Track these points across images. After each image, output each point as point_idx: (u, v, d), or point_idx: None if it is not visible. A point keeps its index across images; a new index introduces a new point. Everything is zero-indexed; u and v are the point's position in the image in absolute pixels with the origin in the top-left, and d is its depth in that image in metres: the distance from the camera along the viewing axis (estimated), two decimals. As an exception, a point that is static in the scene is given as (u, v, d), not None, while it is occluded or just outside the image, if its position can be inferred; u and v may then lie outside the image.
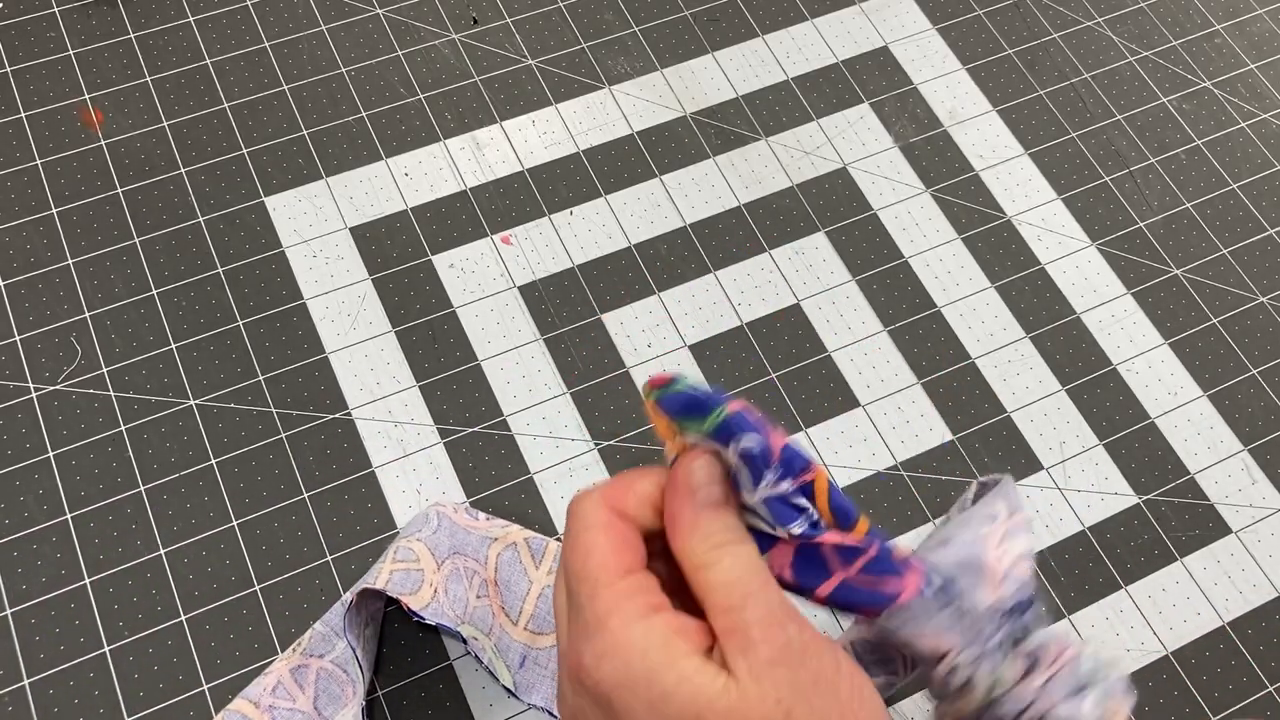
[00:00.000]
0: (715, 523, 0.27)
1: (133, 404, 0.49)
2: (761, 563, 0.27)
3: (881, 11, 0.62)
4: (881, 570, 0.28)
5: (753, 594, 0.26)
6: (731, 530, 0.27)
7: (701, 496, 0.27)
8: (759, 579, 0.26)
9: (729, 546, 0.27)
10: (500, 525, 0.46)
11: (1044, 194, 0.58)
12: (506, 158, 0.56)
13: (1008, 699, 0.31)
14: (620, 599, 0.26)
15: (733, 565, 0.27)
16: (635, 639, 0.25)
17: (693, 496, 0.27)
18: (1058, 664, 0.31)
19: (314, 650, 0.43)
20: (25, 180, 0.53)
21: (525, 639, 0.44)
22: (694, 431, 0.28)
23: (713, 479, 0.28)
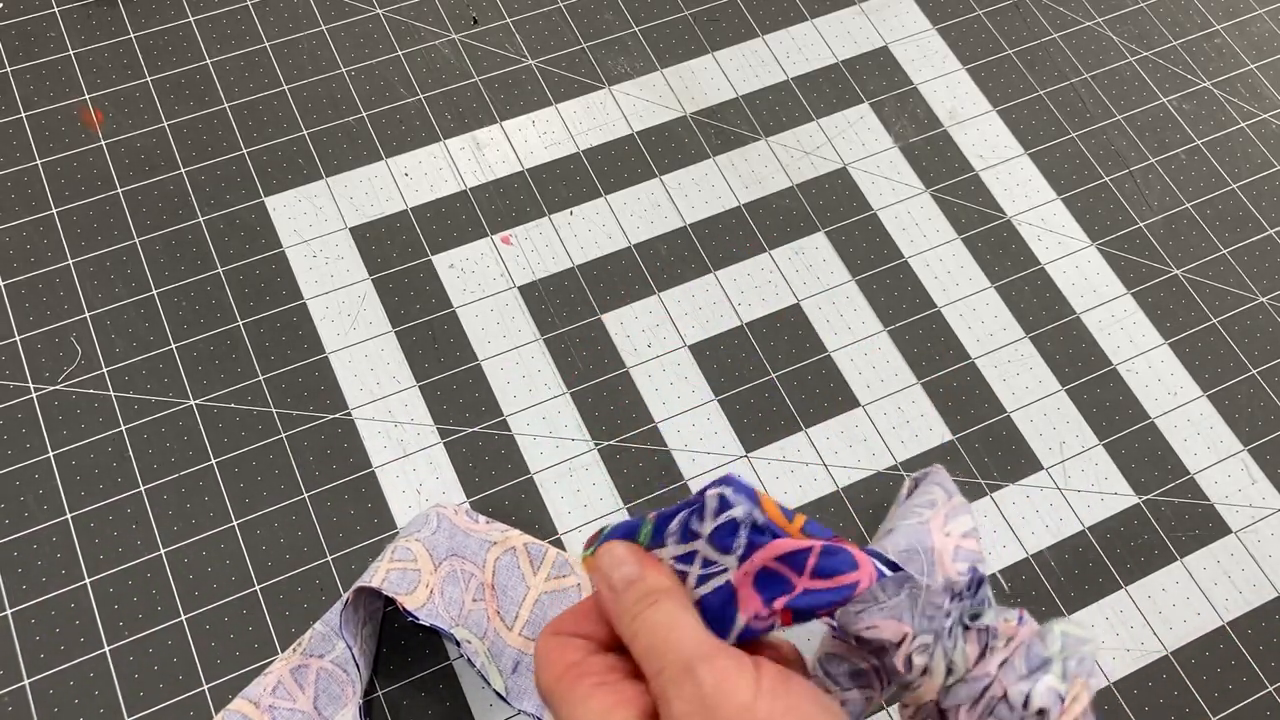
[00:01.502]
0: (629, 596, 0.28)
1: (133, 404, 0.49)
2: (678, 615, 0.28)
3: (881, 11, 0.62)
4: (834, 567, 0.29)
5: (666, 652, 0.27)
6: (644, 597, 0.28)
7: (615, 578, 0.28)
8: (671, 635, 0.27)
9: (643, 615, 0.27)
10: (500, 529, 0.46)
11: (1044, 194, 0.58)
12: (506, 158, 0.56)
13: (966, 682, 0.31)
14: (566, 690, 0.27)
15: (649, 632, 0.27)
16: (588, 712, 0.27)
17: (608, 582, 0.28)
18: (1013, 644, 0.31)
19: (314, 650, 0.43)
20: (25, 180, 0.53)
21: (519, 645, 0.44)
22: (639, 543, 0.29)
23: (622, 560, 0.28)
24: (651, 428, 0.50)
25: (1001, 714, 0.30)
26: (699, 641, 0.27)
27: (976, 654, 0.31)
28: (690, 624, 0.27)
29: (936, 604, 0.30)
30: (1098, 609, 0.48)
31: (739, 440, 0.50)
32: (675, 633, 0.27)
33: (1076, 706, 0.30)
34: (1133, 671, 0.47)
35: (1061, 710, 0.30)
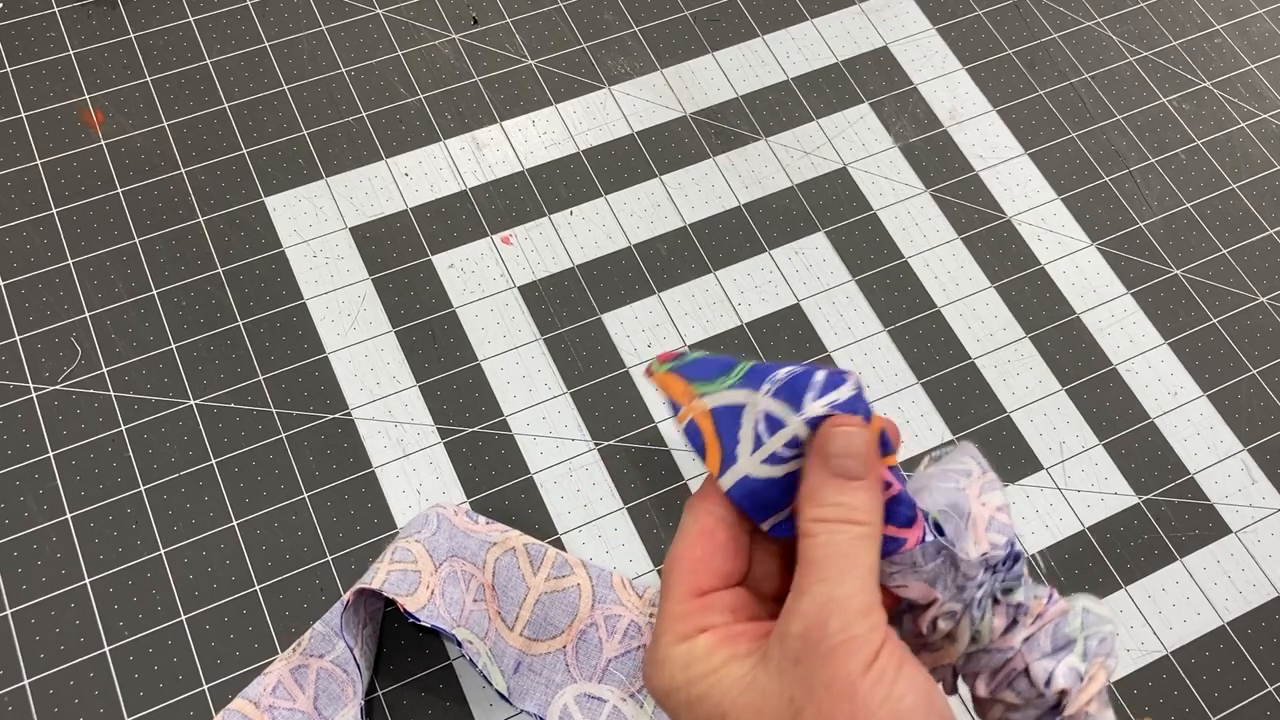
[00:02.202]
0: (831, 494, 0.26)
1: (133, 404, 0.49)
2: (860, 550, 0.26)
3: (881, 11, 0.62)
4: (895, 514, 0.28)
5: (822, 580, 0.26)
6: (845, 509, 0.26)
7: (832, 465, 0.27)
8: (839, 565, 0.26)
9: (832, 525, 0.26)
10: (500, 530, 0.46)
11: (1044, 194, 0.58)
12: (506, 158, 0.56)
13: (988, 651, 0.31)
14: (675, 621, 0.27)
15: (823, 545, 0.26)
16: (677, 655, 0.27)
17: (823, 462, 0.27)
18: (1041, 620, 0.31)
19: (314, 650, 0.43)
20: (25, 180, 0.53)
21: (520, 645, 0.44)
22: (717, 389, 0.28)
23: (848, 450, 0.27)
24: (651, 428, 0.50)
25: (1020, 688, 0.30)
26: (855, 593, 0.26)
27: (1003, 627, 0.30)
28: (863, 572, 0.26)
29: (969, 575, 0.30)
30: (1098, 609, 0.48)
31: (739, 440, 0.50)
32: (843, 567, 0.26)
33: (1093, 685, 0.30)
34: (1133, 671, 0.47)
35: (1080, 689, 0.30)
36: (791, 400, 0.27)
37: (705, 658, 0.27)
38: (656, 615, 0.28)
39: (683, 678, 0.27)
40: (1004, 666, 0.30)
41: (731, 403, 0.28)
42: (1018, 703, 0.30)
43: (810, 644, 0.25)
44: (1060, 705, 0.30)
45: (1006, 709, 0.31)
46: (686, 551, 0.28)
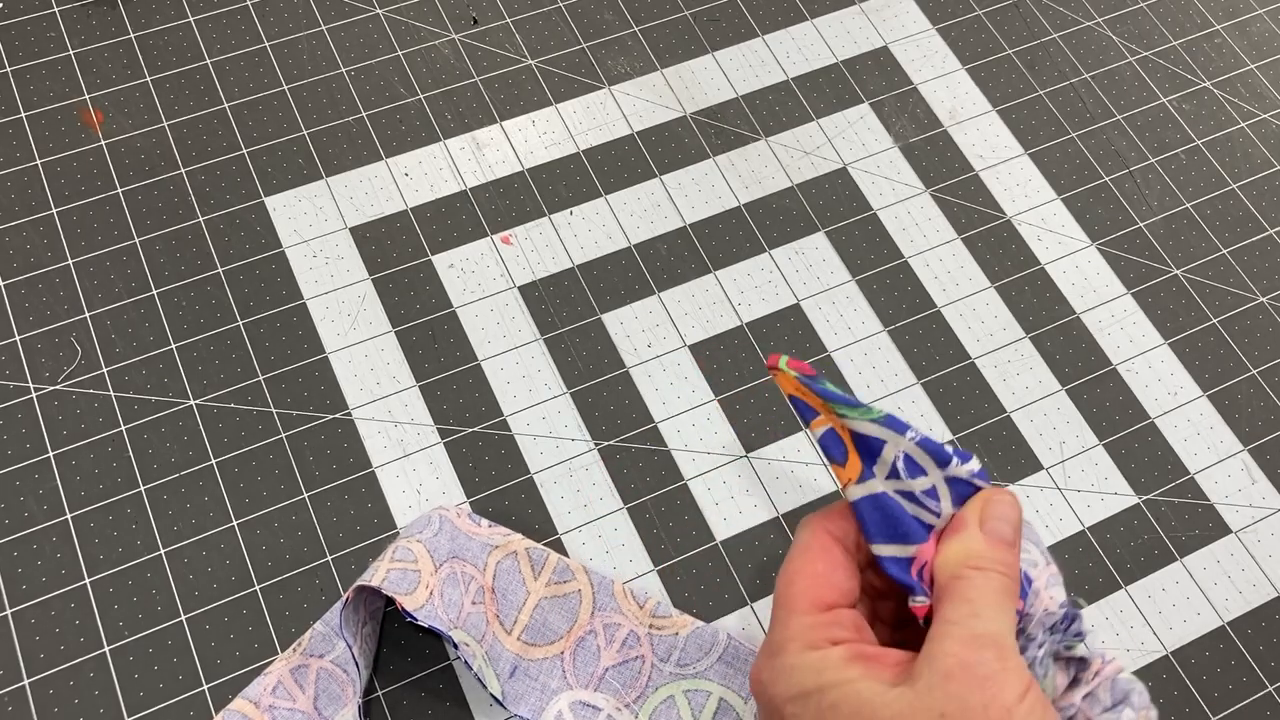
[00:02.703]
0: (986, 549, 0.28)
1: (133, 404, 0.49)
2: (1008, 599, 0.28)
3: (881, 11, 0.62)
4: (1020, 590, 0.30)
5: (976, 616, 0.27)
6: (998, 564, 0.28)
7: (989, 528, 0.29)
8: (992, 607, 0.27)
9: (986, 573, 0.28)
10: (502, 533, 0.46)
11: (1044, 194, 0.58)
12: (506, 158, 0.56)
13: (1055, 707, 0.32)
14: (805, 630, 0.28)
15: (979, 587, 0.28)
16: (810, 661, 0.28)
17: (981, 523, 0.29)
18: (1100, 677, 0.32)
19: (314, 650, 0.43)
20: (25, 180, 0.53)
21: (518, 649, 0.44)
22: (858, 418, 0.30)
23: (1005, 518, 0.29)
24: (651, 428, 0.50)
25: None
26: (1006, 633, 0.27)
27: (1065, 684, 0.32)
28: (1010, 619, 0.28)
29: (1032, 635, 0.31)
30: (1098, 609, 0.48)
31: (739, 440, 0.50)
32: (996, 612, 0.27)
33: None
34: (1132, 671, 0.47)
35: None
36: (934, 455, 0.30)
37: (840, 668, 0.27)
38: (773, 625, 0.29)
39: (814, 684, 0.27)
40: None
41: (874, 434, 0.30)
42: None
43: (967, 667, 0.26)
44: None
45: None
46: (808, 566, 0.29)
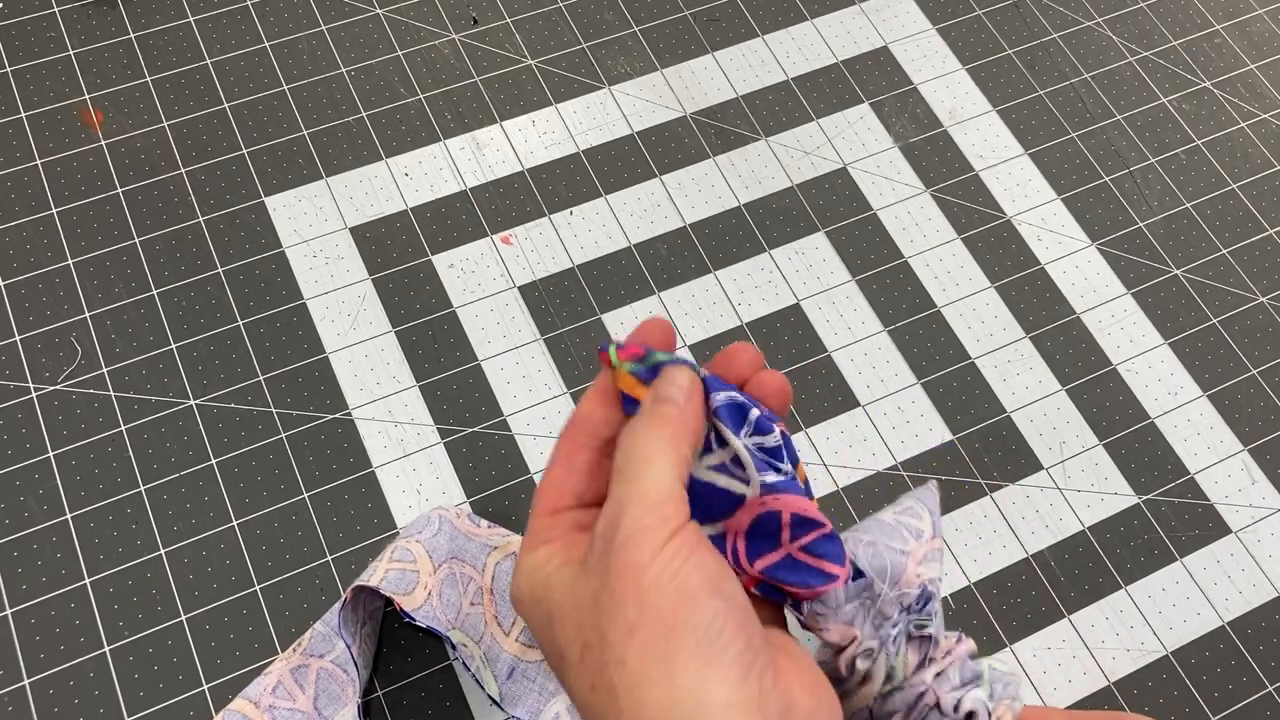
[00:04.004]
0: (654, 418, 0.28)
1: (133, 404, 0.49)
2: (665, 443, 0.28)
3: (881, 11, 0.62)
4: (824, 552, 0.30)
5: (621, 481, 0.28)
6: (661, 427, 0.28)
7: (663, 391, 0.29)
8: (640, 460, 0.28)
9: (646, 436, 0.28)
10: (501, 534, 0.46)
11: (1044, 194, 0.58)
12: (506, 158, 0.56)
13: (902, 689, 0.32)
14: (530, 535, 0.30)
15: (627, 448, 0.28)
16: (525, 565, 0.29)
17: (656, 390, 0.29)
18: (951, 657, 0.32)
19: (314, 650, 0.43)
20: (25, 180, 0.53)
21: (516, 650, 0.44)
22: None
23: (674, 382, 0.29)
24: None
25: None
26: (650, 489, 0.27)
27: (916, 663, 0.32)
28: (663, 467, 0.28)
29: (886, 614, 0.31)
30: (1098, 609, 0.48)
31: (739, 440, 0.50)
32: (644, 465, 0.28)
33: None
34: (1133, 671, 0.47)
35: None
36: (732, 423, 0.30)
37: (543, 565, 0.28)
38: None
39: (527, 585, 0.28)
40: (917, 702, 0.32)
41: None
42: None
43: (607, 539, 0.27)
44: None
45: None
46: (548, 474, 0.30)
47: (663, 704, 0.25)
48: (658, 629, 0.26)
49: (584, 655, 0.26)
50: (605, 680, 0.26)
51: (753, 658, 0.27)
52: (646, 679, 0.25)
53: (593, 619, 0.26)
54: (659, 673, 0.25)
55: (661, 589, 0.26)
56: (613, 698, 0.26)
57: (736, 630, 0.27)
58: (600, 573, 0.27)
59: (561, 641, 0.27)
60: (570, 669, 0.27)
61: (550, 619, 0.28)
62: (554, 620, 0.27)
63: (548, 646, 0.28)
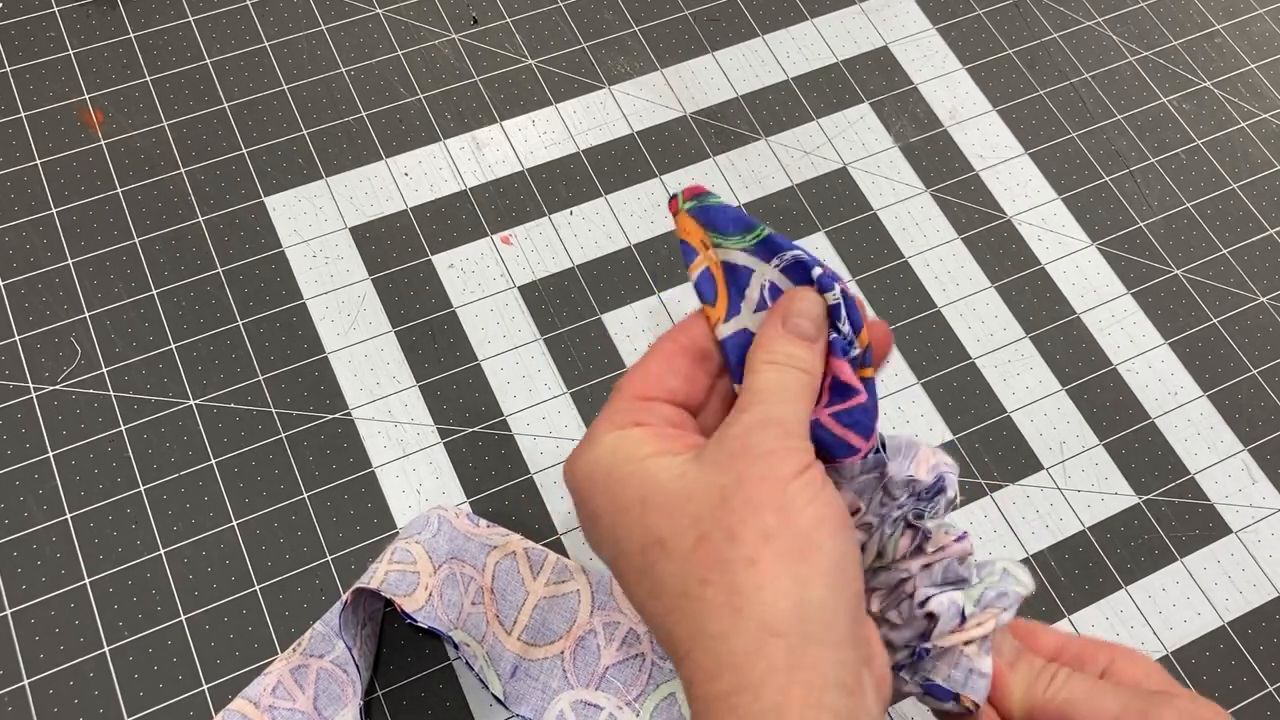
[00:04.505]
0: (782, 344, 0.29)
1: (133, 404, 0.49)
2: (801, 391, 0.28)
3: (881, 11, 0.62)
4: (856, 423, 0.30)
5: (763, 403, 0.28)
6: (794, 359, 0.28)
7: (790, 325, 0.29)
8: (780, 396, 0.28)
9: (780, 367, 0.28)
10: (501, 534, 0.46)
11: (1044, 194, 0.58)
12: (506, 158, 0.56)
13: (889, 569, 0.32)
14: (614, 414, 0.29)
15: (770, 379, 0.28)
16: (606, 441, 0.28)
17: (782, 320, 0.29)
18: (943, 553, 0.32)
19: (314, 650, 0.43)
20: (25, 180, 0.53)
21: (518, 649, 0.44)
22: (734, 245, 0.30)
23: (806, 314, 0.29)
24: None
25: (904, 609, 0.32)
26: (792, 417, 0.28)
27: (907, 549, 0.32)
28: (802, 408, 0.28)
29: (894, 495, 0.32)
30: (1098, 609, 0.48)
31: (739, 440, 0.50)
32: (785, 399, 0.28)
33: (977, 630, 0.32)
34: (1133, 671, 0.47)
35: (960, 627, 0.31)
36: (796, 279, 0.30)
37: (636, 446, 0.28)
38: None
39: (609, 461, 0.28)
40: (898, 586, 0.32)
41: (744, 264, 0.30)
42: (898, 622, 0.32)
43: (747, 445, 0.27)
44: (927, 633, 0.31)
45: (890, 628, 0.32)
46: (643, 365, 0.30)
47: (789, 616, 0.25)
48: (794, 544, 0.26)
49: (701, 547, 0.26)
50: (728, 576, 0.25)
51: (860, 602, 0.27)
52: (777, 587, 0.25)
53: (718, 514, 0.26)
54: (790, 584, 0.25)
55: (801, 509, 0.26)
56: (733, 594, 0.25)
57: (856, 571, 0.27)
58: (733, 473, 0.26)
59: (663, 528, 0.26)
60: (674, 558, 0.26)
61: (646, 502, 0.27)
62: (652, 505, 0.27)
63: (634, 531, 0.27)
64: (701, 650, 0.25)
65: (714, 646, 0.25)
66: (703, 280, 0.31)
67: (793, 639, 0.25)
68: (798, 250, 0.29)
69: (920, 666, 0.32)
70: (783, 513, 0.26)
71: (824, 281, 0.29)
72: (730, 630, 0.25)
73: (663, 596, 0.26)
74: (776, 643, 0.25)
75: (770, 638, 0.25)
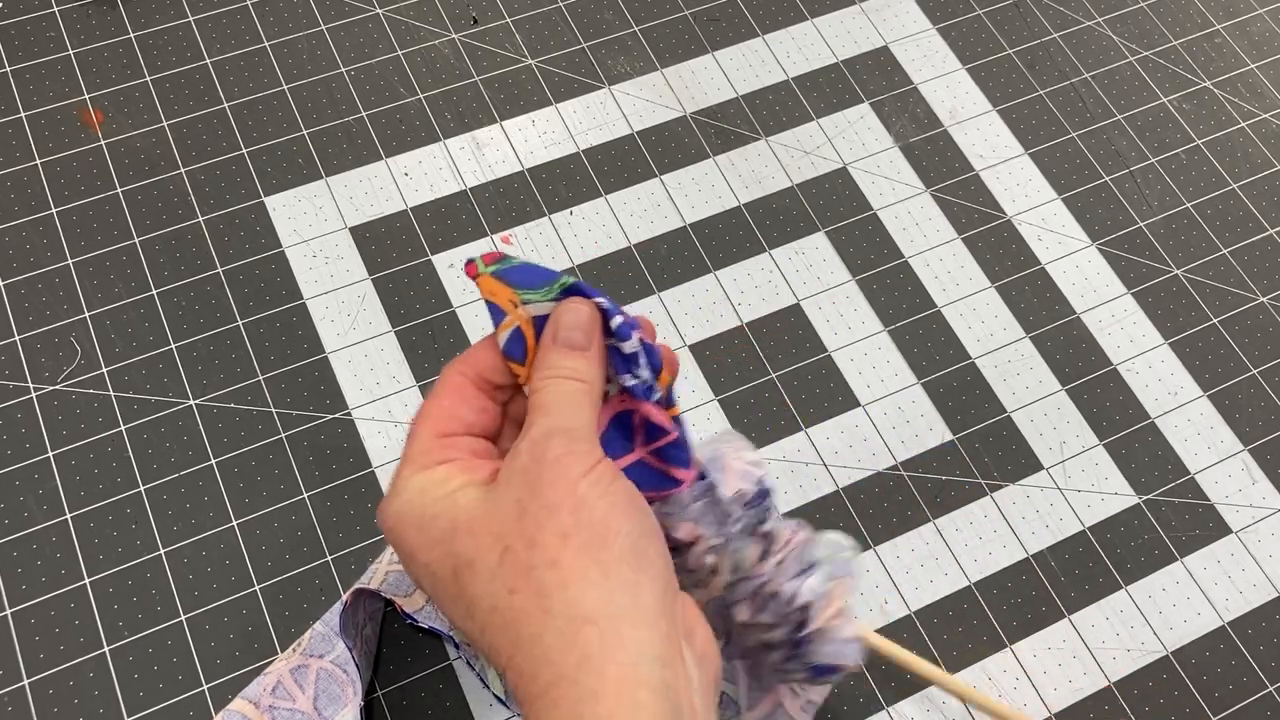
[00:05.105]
0: (556, 358, 0.30)
1: (133, 404, 0.49)
2: (581, 399, 0.30)
3: (881, 11, 0.62)
4: (673, 458, 0.31)
5: (547, 414, 0.29)
6: (570, 370, 0.30)
7: (561, 338, 0.30)
8: (562, 407, 0.29)
9: (558, 380, 0.30)
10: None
11: (1044, 194, 0.58)
12: (506, 158, 0.56)
13: (748, 579, 0.35)
14: (418, 455, 0.30)
15: (550, 394, 0.29)
16: (414, 483, 0.29)
17: (554, 336, 0.30)
18: (789, 547, 0.35)
19: (314, 650, 0.43)
20: (25, 180, 0.53)
21: None
22: (540, 298, 0.31)
23: (576, 325, 0.30)
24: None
25: (774, 608, 0.35)
26: (577, 424, 0.29)
27: (758, 555, 0.35)
28: (584, 414, 0.29)
29: (727, 512, 0.34)
30: (1098, 609, 0.48)
31: (739, 440, 0.50)
32: (566, 409, 0.29)
33: (835, 602, 0.35)
34: (1133, 671, 0.47)
35: (823, 605, 0.35)
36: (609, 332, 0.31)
37: (443, 483, 0.29)
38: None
39: (419, 502, 0.29)
40: (760, 590, 0.35)
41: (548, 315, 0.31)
42: (773, 622, 0.35)
43: (536, 456, 0.28)
44: (805, 621, 0.35)
45: (765, 629, 0.35)
46: (436, 402, 0.31)
47: (597, 602, 0.26)
48: (592, 536, 0.27)
49: (505, 560, 0.27)
50: (533, 581, 0.27)
51: (669, 578, 0.28)
52: (582, 578, 0.27)
53: (518, 526, 0.27)
54: (595, 574, 0.27)
55: (594, 503, 0.27)
56: (541, 596, 0.26)
57: (659, 549, 0.29)
58: (527, 485, 0.27)
59: (470, 551, 0.28)
60: (481, 576, 0.27)
61: (454, 531, 0.28)
62: (459, 531, 0.28)
63: (445, 560, 0.28)
64: (521, 655, 0.26)
65: (530, 649, 0.26)
66: (512, 341, 0.31)
67: (603, 623, 0.26)
68: (599, 299, 0.30)
69: (803, 655, 0.35)
70: (577, 511, 0.27)
71: (622, 331, 0.30)
72: (542, 629, 0.26)
73: (476, 615, 0.27)
74: (589, 630, 0.26)
75: (583, 626, 0.26)
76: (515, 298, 0.31)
